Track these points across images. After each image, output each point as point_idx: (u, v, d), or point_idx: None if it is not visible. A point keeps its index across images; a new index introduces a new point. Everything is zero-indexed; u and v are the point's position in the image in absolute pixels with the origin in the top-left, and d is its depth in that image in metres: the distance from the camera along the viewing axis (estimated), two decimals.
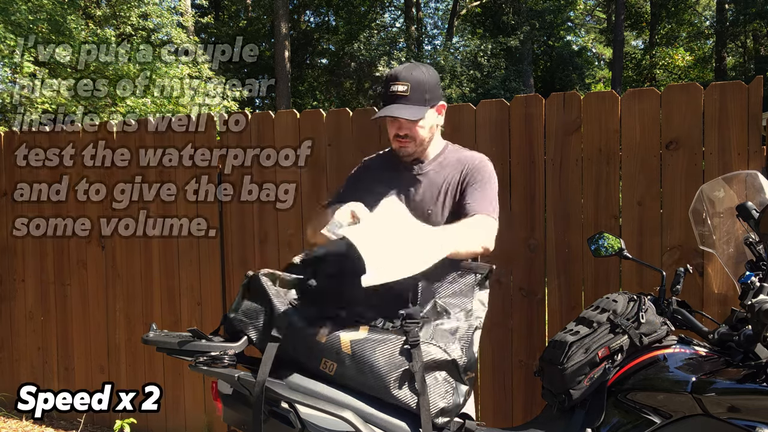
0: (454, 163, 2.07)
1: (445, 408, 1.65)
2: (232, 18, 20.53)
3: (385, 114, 1.94)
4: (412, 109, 1.94)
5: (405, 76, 1.94)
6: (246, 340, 1.72)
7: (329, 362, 1.63)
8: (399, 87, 1.93)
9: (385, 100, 1.96)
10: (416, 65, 2.00)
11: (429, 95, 1.97)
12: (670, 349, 1.76)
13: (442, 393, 1.64)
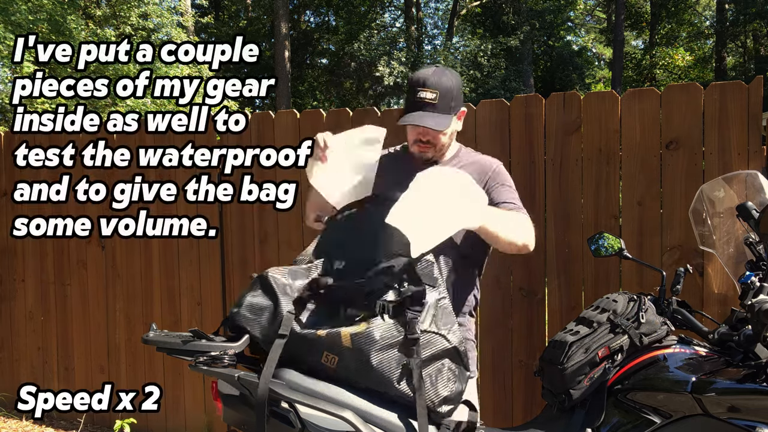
0: (471, 165, 2.07)
1: (448, 396, 1.64)
2: (232, 18, 20.54)
3: (412, 122, 1.92)
4: (439, 118, 1.92)
5: (433, 82, 1.92)
6: (246, 339, 1.72)
7: (330, 356, 1.63)
8: (427, 94, 1.92)
9: (412, 105, 1.94)
10: (443, 70, 1.98)
11: (454, 102, 1.97)
12: (670, 349, 1.76)
13: (444, 381, 1.63)
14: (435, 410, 1.63)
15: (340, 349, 1.61)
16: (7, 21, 8.30)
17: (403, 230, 1.61)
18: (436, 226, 1.63)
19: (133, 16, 10.56)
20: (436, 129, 1.92)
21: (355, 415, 1.58)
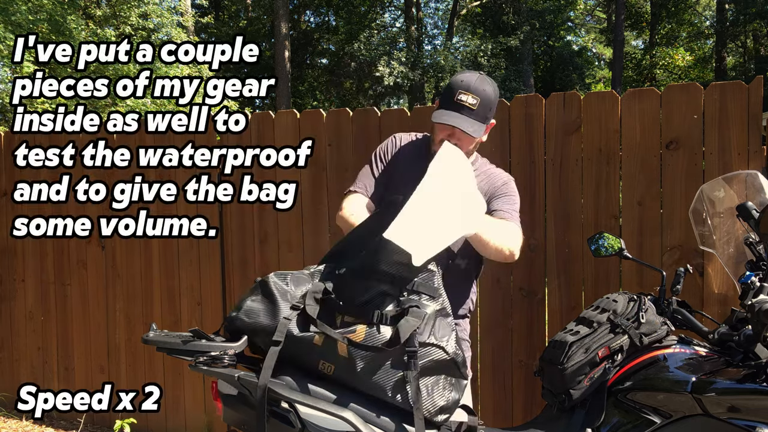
0: (484, 174, 2.11)
1: (444, 406, 1.65)
2: (232, 18, 20.54)
3: (450, 123, 1.92)
4: (476, 125, 1.93)
5: (477, 88, 1.93)
6: (246, 339, 1.72)
7: (327, 364, 1.63)
8: (470, 99, 1.92)
9: (451, 105, 1.94)
10: (485, 79, 1.99)
11: (490, 114, 1.99)
12: (670, 349, 1.76)
13: (441, 391, 1.64)
14: (432, 420, 1.64)
15: (335, 358, 1.61)
16: (7, 21, 8.30)
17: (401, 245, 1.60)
18: (435, 236, 1.65)
19: (132, 16, 10.56)
20: (472, 135, 1.93)
21: (355, 415, 1.58)
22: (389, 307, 1.63)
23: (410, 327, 1.58)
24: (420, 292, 1.65)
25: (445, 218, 1.70)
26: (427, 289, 1.66)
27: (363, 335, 1.60)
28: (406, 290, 1.65)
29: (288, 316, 1.64)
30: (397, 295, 1.64)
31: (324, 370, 1.63)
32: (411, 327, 1.58)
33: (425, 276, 1.67)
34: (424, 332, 1.61)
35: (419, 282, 1.65)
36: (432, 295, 1.66)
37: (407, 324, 1.58)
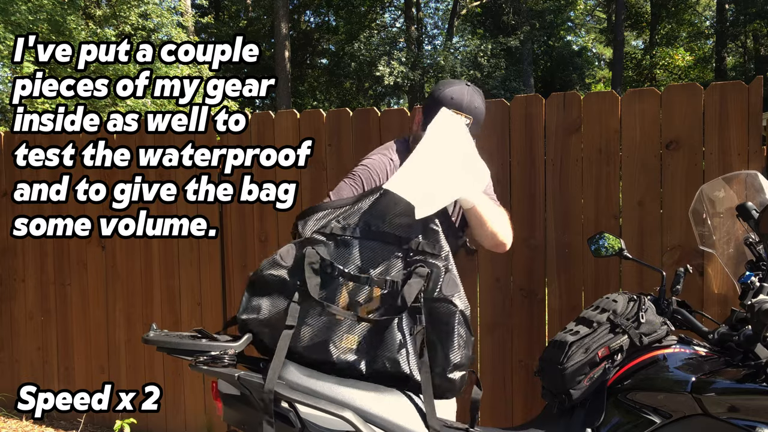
0: None
1: (459, 363, 1.66)
2: (232, 18, 20.54)
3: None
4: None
5: (469, 106, 1.96)
6: (247, 338, 1.72)
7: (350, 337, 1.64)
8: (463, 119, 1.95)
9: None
10: (474, 91, 2.00)
11: (479, 130, 2.02)
12: (670, 349, 1.76)
13: (455, 348, 1.65)
14: (446, 376, 1.65)
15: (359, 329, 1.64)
16: (7, 21, 8.30)
17: (404, 196, 1.64)
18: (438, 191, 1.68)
19: (132, 16, 10.56)
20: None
21: (355, 415, 1.58)
22: (396, 269, 1.65)
23: (415, 289, 1.60)
24: (425, 251, 1.66)
25: (448, 175, 1.71)
26: (430, 248, 1.66)
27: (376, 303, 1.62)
28: (411, 251, 1.66)
29: (296, 300, 1.64)
30: (403, 256, 1.66)
31: (348, 345, 1.65)
32: (415, 288, 1.60)
33: (428, 235, 1.68)
34: (432, 289, 1.63)
35: (423, 242, 1.66)
36: (436, 253, 1.66)
37: (410, 288, 1.60)
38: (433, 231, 1.68)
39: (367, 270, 1.65)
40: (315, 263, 1.65)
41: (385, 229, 1.67)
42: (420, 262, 1.64)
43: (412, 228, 1.67)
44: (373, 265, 1.65)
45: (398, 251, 1.66)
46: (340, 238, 1.67)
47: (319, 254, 1.65)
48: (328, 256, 1.66)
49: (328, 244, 1.67)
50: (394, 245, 1.66)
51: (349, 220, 1.70)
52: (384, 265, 1.65)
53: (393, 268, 1.65)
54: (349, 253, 1.66)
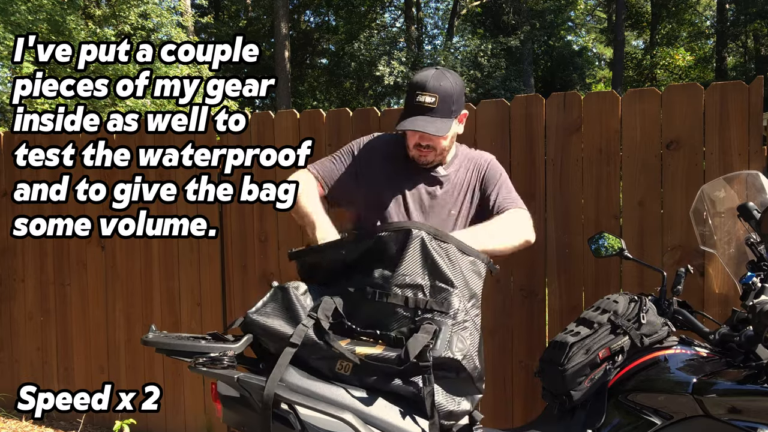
0: (468, 163, 2.09)
1: (453, 412, 1.66)
2: (232, 18, 20.53)
3: (411, 128, 1.90)
4: (438, 122, 1.89)
5: (433, 86, 1.89)
6: (247, 339, 1.72)
7: (345, 363, 1.65)
8: (426, 98, 1.88)
9: (411, 110, 1.91)
10: (443, 73, 1.94)
11: (455, 106, 1.94)
12: (671, 350, 1.76)
13: (452, 398, 1.65)
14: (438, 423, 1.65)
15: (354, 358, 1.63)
16: (7, 21, 8.30)
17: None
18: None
19: (132, 16, 10.56)
20: (437, 135, 1.90)
21: (355, 417, 1.58)
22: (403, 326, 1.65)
23: (419, 343, 1.58)
24: (433, 309, 1.65)
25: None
26: (439, 306, 1.65)
27: (378, 351, 1.62)
28: (420, 309, 1.66)
29: (306, 324, 1.65)
30: (411, 316, 1.66)
31: (342, 370, 1.65)
32: (420, 343, 1.58)
33: (441, 294, 1.67)
34: (439, 347, 1.61)
35: (431, 300, 1.66)
36: (445, 312, 1.65)
37: (416, 341, 1.59)
38: (442, 288, 1.67)
39: (375, 327, 1.68)
40: (328, 311, 1.68)
41: (394, 289, 1.66)
42: (428, 320, 1.64)
43: (421, 286, 1.67)
44: (381, 324, 1.68)
45: (406, 311, 1.66)
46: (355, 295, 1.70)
47: (335, 303, 1.69)
48: (340, 308, 1.70)
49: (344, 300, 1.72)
50: (401, 305, 1.66)
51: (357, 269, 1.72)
52: (391, 323, 1.67)
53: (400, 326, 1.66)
54: (359, 310, 1.70)
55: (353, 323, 1.68)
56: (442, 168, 2.06)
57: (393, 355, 1.59)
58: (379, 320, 1.67)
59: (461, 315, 1.67)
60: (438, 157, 2.02)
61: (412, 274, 1.67)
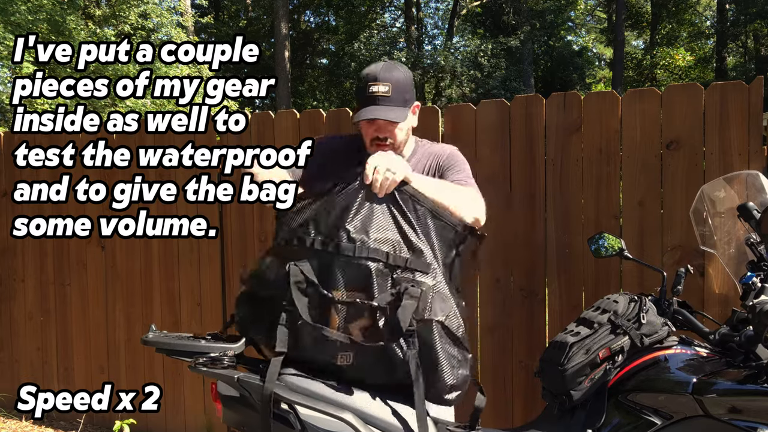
0: (428, 156, 2.08)
1: (455, 384, 1.65)
2: (232, 18, 20.54)
3: (369, 117, 1.88)
4: (395, 110, 1.90)
5: (385, 76, 1.90)
6: (246, 340, 1.72)
7: (345, 355, 1.62)
8: (380, 87, 1.89)
9: (364, 101, 1.91)
10: (392, 65, 1.96)
11: (408, 95, 1.95)
12: (671, 350, 1.76)
13: (448, 369, 1.64)
14: (442, 398, 1.65)
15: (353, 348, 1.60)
16: (7, 21, 8.30)
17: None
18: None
19: (132, 16, 10.56)
20: (395, 120, 1.89)
21: (355, 417, 1.58)
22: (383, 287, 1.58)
23: (408, 312, 1.54)
24: (413, 269, 1.61)
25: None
26: (419, 265, 1.61)
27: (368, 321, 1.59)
28: (399, 267, 1.60)
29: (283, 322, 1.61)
30: (390, 273, 1.59)
31: (343, 362, 1.62)
32: (409, 311, 1.54)
33: (415, 250, 1.63)
34: (423, 310, 1.59)
35: (412, 258, 1.61)
36: (425, 271, 1.62)
37: (404, 311, 1.54)
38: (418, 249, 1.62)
39: (354, 290, 1.59)
40: (301, 283, 1.60)
41: (370, 244, 1.58)
42: (409, 280, 1.59)
43: (398, 243, 1.61)
44: (360, 285, 1.59)
45: (384, 267, 1.58)
46: (323, 251, 1.62)
47: (303, 273, 1.60)
48: (312, 274, 1.60)
49: (310, 261, 1.62)
50: (380, 262, 1.59)
51: (329, 225, 1.64)
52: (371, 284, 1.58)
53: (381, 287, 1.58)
54: (334, 271, 1.60)
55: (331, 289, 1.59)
56: None
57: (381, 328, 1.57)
58: (360, 280, 1.59)
59: (439, 275, 1.64)
60: (395, 151, 1.98)
61: (389, 229, 1.62)
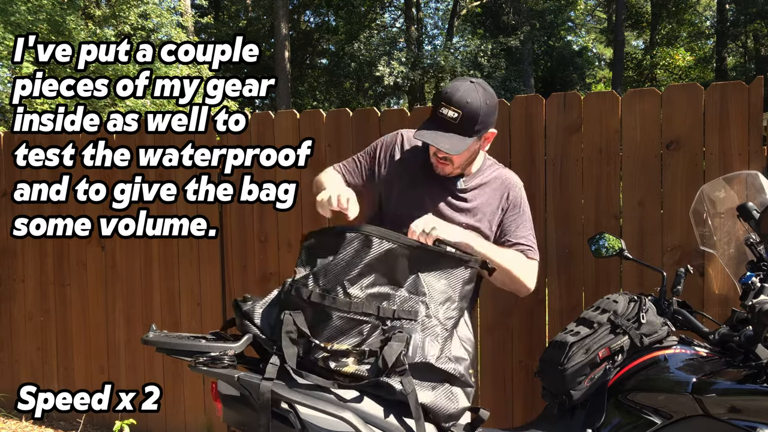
0: (494, 182, 2.06)
1: (452, 414, 1.67)
2: (232, 18, 20.53)
3: (426, 140, 1.86)
4: (455, 139, 1.83)
5: (459, 100, 1.82)
6: (247, 339, 1.72)
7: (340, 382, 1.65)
8: (450, 113, 1.82)
9: (431, 120, 1.87)
10: (475, 88, 1.86)
11: (480, 126, 1.87)
12: (671, 350, 1.76)
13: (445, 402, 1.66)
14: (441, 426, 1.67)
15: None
16: (7, 21, 8.30)
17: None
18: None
19: (132, 16, 10.56)
20: (449, 153, 1.85)
21: (355, 416, 1.58)
22: (372, 338, 1.64)
23: (394, 352, 1.59)
24: (401, 318, 1.66)
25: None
26: (407, 314, 1.66)
27: (353, 369, 1.61)
28: (389, 318, 1.65)
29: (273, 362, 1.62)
30: (379, 325, 1.65)
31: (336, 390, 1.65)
32: (396, 351, 1.59)
33: (408, 303, 1.68)
34: (414, 354, 1.62)
35: (399, 309, 1.66)
36: (413, 319, 1.66)
37: (390, 350, 1.59)
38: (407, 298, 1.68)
39: (344, 340, 1.64)
40: (292, 332, 1.63)
41: (363, 299, 1.64)
42: (398, 328, 1.64)
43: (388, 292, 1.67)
44: (351, 337, 1.64)
45: (376, 321, 1.65)
46: (319, 306, 1.65)
47: (296, 324, 1.63)
48: (305, 325, 1.64)
49: (306, 310, 1.66)
50: (371, 316, 1.64)
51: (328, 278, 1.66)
52: (362, 335, 1.64)
53: (370, 337, 1.64)
54: (327, 323, 1.64)
55: (322, 339, 1.64)
56: (462, 181, 2.01)
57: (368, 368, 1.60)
58: (351, 332, 1.64)
59: (430, 321, 1.68)
60: (456, 170, 1.98)
61: (379, 283, 1.67)
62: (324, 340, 1.63)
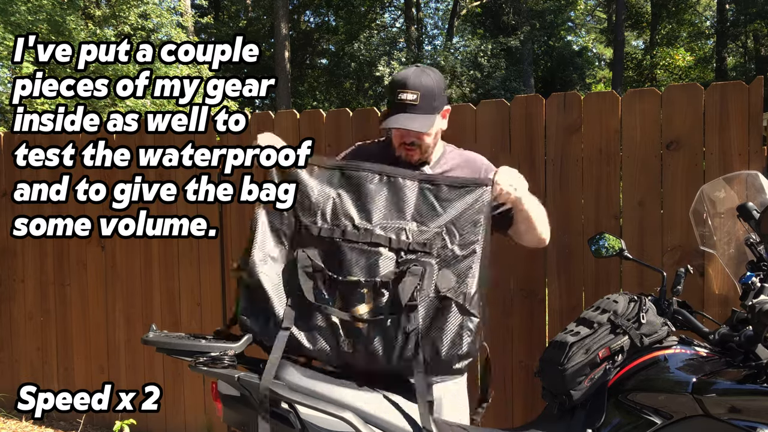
0: (462, 164, 2.09)
1: (463, 353, 1.67)
2: (232, 18, 20.54)
3: (395, 125, 1.93)
4: (421, 119, 1.92)
5: (414, 83, 1.92)
6: (247, 339, 1.72)
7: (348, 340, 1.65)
8: (408, 96, 1.91)
9: (394, 108, 1.94)
10: (423, 70, 1.98)
11: (437, 102, 1.97)
12: (671, 350, 1.76)
13: (458, 340, 1.66)
14: (452, 367, 1.68)
15: (357, 332, 1.65)
16: (7, 21, 8.30)
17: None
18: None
19: (132, 16, 10.56)
20: (420, 131, 1.92)
21: (355, 416, 1.58)
22: (387, 269, 1.65)
23: (409, 288, 1.61)
24: (416, 250, 1.67)
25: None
26: (421, 246, 1.67)
27: (368, 307, 1.63)
28: (403, 250, 1.66)
29: (290, 303, 1.66)
30: (395, 257, 1.66)
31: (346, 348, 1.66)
32: (410, 287, 1.61)
33: (422, 236, 1.68)
34: (427, 287, 1.64)
35: (414, 241, 1.67)
36: (428, 251, 1.67)
37: (404, 286, 1.62)
38: (423, 230, 1.68)
39: (359, 273, 1.66)
40: (308, 267, 1.68)
41: (374, 229, 1.67)
42: (413, 261, 1.65)
43: (401, 226, 1.68)
44: (365, 269, 1.66)
45: (389, 251, 1.67)
46: (328, 240, 1.69)
47: (310, 259, 1.69)
48: (319, 259, 1.69)
49: (318, 247, 1.71)
50: (384, 246, 1.67)
51: (336, 211, 1.72)
52: (375, 267, 1.66)
53: (384, 269, 1.66)
54: (339, 257, 1.68)
55: (337, 273, 1.67)
56: (428, 168, 2.05)
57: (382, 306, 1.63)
58: (365, 264, 1.67)
59: (446, 252, 1.68)
60: (423, 155, 2.03)
61: (392, 215, 1.69)
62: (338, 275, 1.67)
